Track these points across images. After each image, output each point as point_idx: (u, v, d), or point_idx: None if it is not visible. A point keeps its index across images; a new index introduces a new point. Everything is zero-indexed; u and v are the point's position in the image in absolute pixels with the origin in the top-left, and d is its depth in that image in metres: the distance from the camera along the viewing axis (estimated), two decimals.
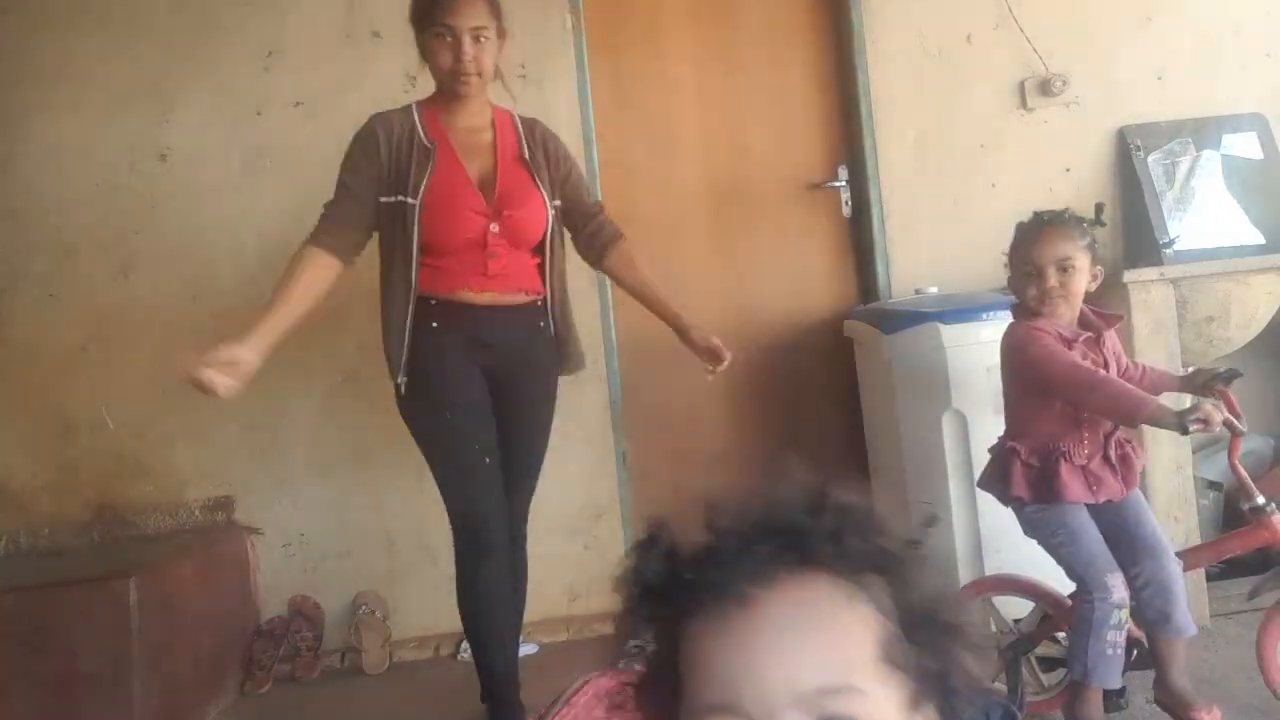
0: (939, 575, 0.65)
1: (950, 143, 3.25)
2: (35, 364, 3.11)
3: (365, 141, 2.12)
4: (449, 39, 2.07)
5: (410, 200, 2.05)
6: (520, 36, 3.07)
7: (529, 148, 2.22)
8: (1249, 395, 2.11)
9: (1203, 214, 3.11)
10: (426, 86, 2.25)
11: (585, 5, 3.22)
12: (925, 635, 0.61)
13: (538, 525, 2.45)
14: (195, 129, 3.13)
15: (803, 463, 0.62)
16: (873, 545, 0.60)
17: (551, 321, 2.26)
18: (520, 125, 2.26)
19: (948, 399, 2.51)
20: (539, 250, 2.21)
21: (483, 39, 2.09)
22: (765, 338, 3.30)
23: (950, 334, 2.53)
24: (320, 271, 2.05)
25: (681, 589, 0.61)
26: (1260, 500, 1.95)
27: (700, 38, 3.35)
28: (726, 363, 2.24)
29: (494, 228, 2.09)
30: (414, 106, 2.17)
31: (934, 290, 2.93)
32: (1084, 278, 2.00)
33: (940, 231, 3.23)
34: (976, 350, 2.49)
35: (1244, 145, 3.18)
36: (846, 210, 3.35)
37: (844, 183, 3.34)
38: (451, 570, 2.16)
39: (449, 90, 2.14)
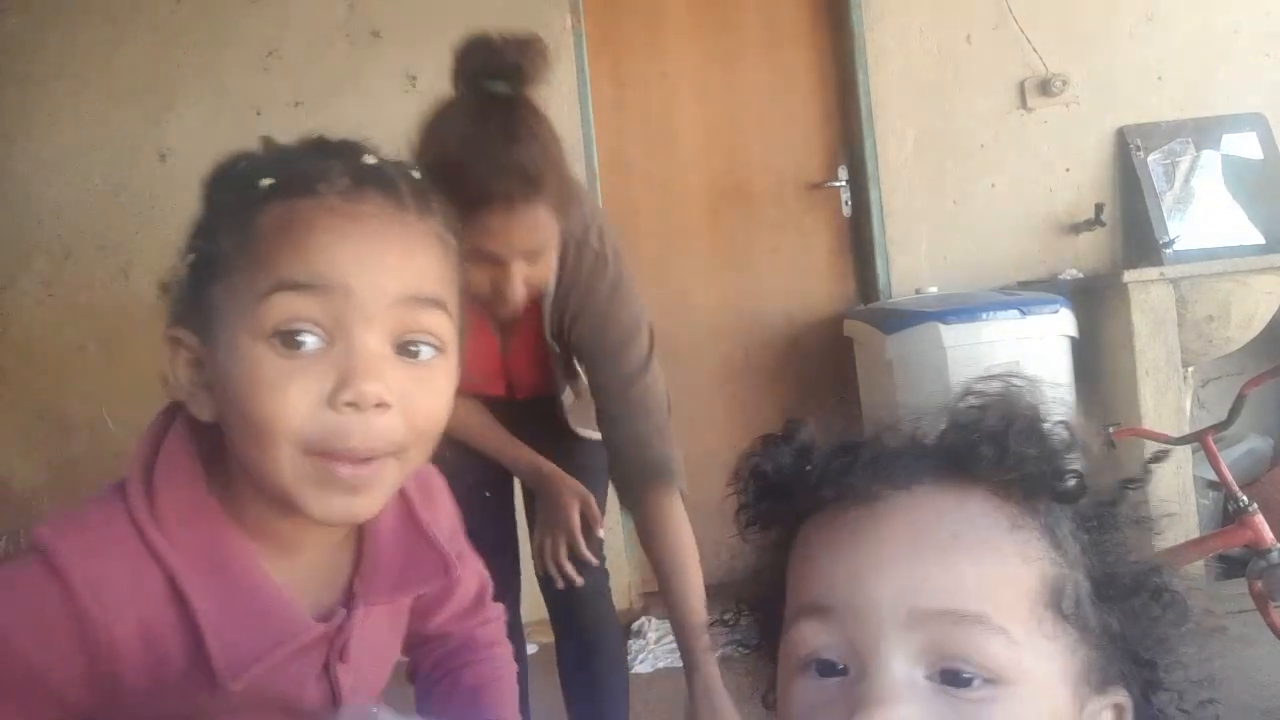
0: (1147, 533, 0.52)
1: (950, 143, 3.24)
2: (35, 364, 3.11)
3: None
4: (490, 264, 1.29)
5: None
6: None
7: None
8: (1249, 395, 2.11)
9: (1203, 214, 3.11)
10: (426, 88, 2.25)
11: (585, 5, 3.21)
12: (1124, 595, 0.49)
13: None
14: (195, 129, 3.13)
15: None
16: (1054, 462, 0.48)
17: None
18: None
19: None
20: None
21: (538, 255, 1.34)
22: (765, 338, 3.30)
23: (950, 334, 2.52)
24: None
25: (806, 487, 0.52)
26: (1243, 500, 2.02)
27: (700, 38, 3.35)
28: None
29: None
30: None
31: (934, 290, 2.93)
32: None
33: (940, 231, 3.22)
34: (976, 350, 2.48)
35: (1244, 145, 3.18)
36: (846, 210, 3.35)
37: (844, 183, 3.33)
38: None
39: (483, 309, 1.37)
